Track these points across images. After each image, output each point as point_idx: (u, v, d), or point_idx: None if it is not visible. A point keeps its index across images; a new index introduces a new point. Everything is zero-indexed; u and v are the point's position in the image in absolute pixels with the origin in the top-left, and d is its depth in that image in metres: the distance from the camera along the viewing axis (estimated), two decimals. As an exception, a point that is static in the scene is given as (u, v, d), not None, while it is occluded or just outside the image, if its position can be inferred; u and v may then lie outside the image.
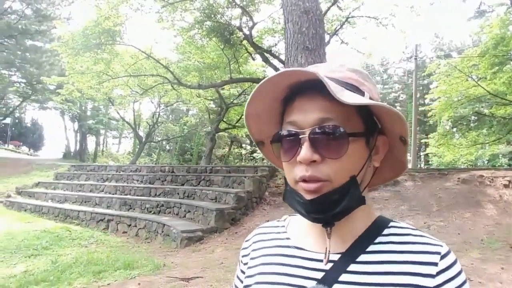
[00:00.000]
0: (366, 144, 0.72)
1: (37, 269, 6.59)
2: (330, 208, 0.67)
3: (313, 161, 0.67)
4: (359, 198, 0.70)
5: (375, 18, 14.71)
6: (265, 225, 0.90)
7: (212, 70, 16.23)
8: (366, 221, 0.75)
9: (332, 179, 0.67)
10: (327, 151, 0.67)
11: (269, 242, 0.83)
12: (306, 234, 0.79)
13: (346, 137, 0.68)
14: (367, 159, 0.72)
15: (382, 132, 0.75)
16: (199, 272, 5.90)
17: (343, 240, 0.73)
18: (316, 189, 0.67)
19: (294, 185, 0.71)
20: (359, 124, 0.70)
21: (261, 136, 0.82)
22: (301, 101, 0.71)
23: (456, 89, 17.18)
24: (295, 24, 3.83)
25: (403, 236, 0.72)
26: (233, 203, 10.02)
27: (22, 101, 34.56)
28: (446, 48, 37.60)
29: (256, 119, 0.78)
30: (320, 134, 0.68)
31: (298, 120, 0.70)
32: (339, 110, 0.68)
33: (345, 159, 0.68)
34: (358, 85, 0.73)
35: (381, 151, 0.76)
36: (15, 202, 14.89)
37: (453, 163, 24.16)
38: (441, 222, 8.86)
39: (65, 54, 14.22)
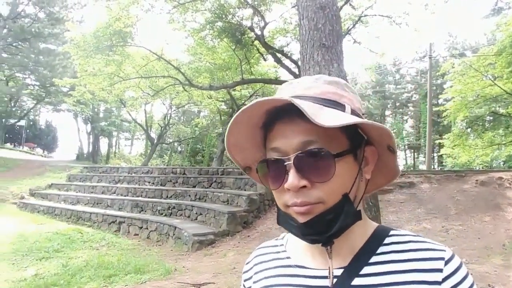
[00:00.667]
0: (354, 158, 0.69)
1: (47, 272, 6.54)
2: (326, 229, 0.66)
3: (302, 187, 0.65)
4: (354, 214, 0.68)
5: (389, 17, 14.42)
6: (264, 245, 0.87)
7: (223, 71, 16.13)
8: (365, 232, 0.74)
9: (324, 201, 0.65)
10: (314, 175, 0.65)
11: (269, 263, 0.81)
12: (306, 252, 0.77)
13: (332, 158, 0.65)
14: (358, 173, 0.70)
15: (369, 142, 0.72)
16: (211, 277, 5.77)
17: (344, 254, 0.71)
18: (308, 210, 0.65)
19: (285, 210, 0.69)
20: (344, 140, 0.68)
21: (247, 162, 0.79)
22: (281, 126, 0.69)
23: (472, 89, 16.86)
24: (311, 20, 3.68)
25: (404, 244, 0.70)
26: (245, 206, 9.89)
27: (36, 104, 35.01)
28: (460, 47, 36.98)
29: (238, 147, 0.76)
30: (305, 158, 0.65)
31: (281, 146, 0.68)
32: (321, 131, 0.64)
33: (335, 179, 0.65)
34: (337, 99, 0.71)
35: (371, 161, 0.74)
36: (28, 204, 14.99)
37: (468, 164, 23.71)
38: (460, 226, 8.60)
39: (76, 56, 14.25)
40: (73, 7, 28.31)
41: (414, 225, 8.88)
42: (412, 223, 9.10)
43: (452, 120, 21.45)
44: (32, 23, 26.47)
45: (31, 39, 26.16)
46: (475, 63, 16.31)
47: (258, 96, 19.24)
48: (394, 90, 43.02)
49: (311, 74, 3.64)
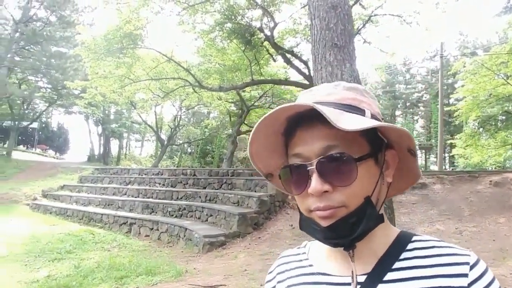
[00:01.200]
0: (375, 162, 0.70)
1: (60, 273, 6.58)
2: (349, 232, 0.66)
3: (325, 192, 0.66)
4: (376, 217, 0.69)
5: (399, 16, 14.28)
6: (286, 253, 0.88)
7: (233, 72, 16.13)
8: (388, 238, 0.74)
9: (346, 204, 0.66)
10: (337, 179, 0.66)
11: (292, 272, 0.81)
12: (328, 259, 0.77)
13: (353, 162, 0.66)
14: (379, 177, 0.70)
15: (390, 146, 0.73)
16: (222, 279, 5.74)
17: (367, 260, 0.71)
18: (331, 214, 0.66)
19: (308, 214, 0.70)
20: (365, 144, 0.69)
21: (269, 169, 0.81)
22: (302, 132, 0.70)
23: (484, 88, 16.65)
24: (322, 20, 3.65)
25: (428, 250, 0.70)
26: (256, 207, 9.86)
27: (48, 106, 35.39)
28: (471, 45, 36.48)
29: (260, 155, 0.78)
30: (327, 163, 0.67)
31: (303, 152, 0.69)
32: (342, 136, 0.66)
33: (357, 183, 0.66)
34: (356, 104, 0.72)
35: (391, 165, 0.74)
36: (41, 205, 15.16)
37: (480, 165, 23.41)
38: (474, 227, 8.46)
39: (88, 58, 14.38)
40: (84, 11, 28.60)
41: (427, 227, 8.77)
42: (424, 224, 9.00)
43: (464, 120, 21.22)
44: (44, 27, 26.76)
45: (43, 43, 26.46)
46: (487, 62, 16.09)
47: (268, 97, 19.21)
48: (405, 90, 42.59)
49: (323, 75, 3.60)
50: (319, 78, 3.73)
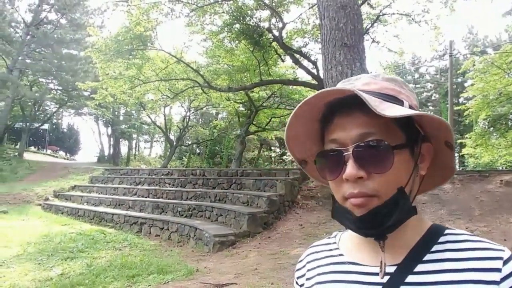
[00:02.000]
0: (411, 153, 0.70)
1: (73, 272, 6.67)
2: (381, 222, 0.67)
3: (360, 178, 0.67)
4: (409, 209, 0.68)
5: (408, 15, 14.23)
6: (317, 243, 0.88)
7: (241, 73, 16.19)
8: (420, 230, 0.73)
9: (380, 194, 0.67)
10: (372, 166, 0.67)
11: (322, 260, 0.82)
12: (359, 249, 0.77)
13: (390, 150, 0.67)
14: (413, 169, 0.71)
15: (426, 139, 0.74)
16: (233, 278, 5.78)
17: (397, 251, 0.71)
18: (364, 202, 0.66)
19: (342, 202, 0.71)
20: (401, 134, 0.69)
21: (303, 155, 0.82)
22: (340, 119, 0.71)
23: (494, 87, 16.51)
24: (332, 20, 3.68)
25: (460, 243, 0.69)
26: (266, 207, 9.89)
27: (59, 108, 35.80)
28: (481, 44, 36.13)
29: (296, 141, 0.79)
30: (364, 150, 0.67)
31: (340, 138, 0.70)
32: (379, 124, 0.67)
33: (391, 172, 0.67)
34: (395, 95, 0.73)
35: (427, 158, 0.74)
36: (52, 205, 15.35)
37: (491, 164, 23.17)
38: (485, 227, 8.39)
39: (98, 60, 14.54)
40: (94, 13, 28.90)
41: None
42: (435, 224, 8.94)
43: (474, 119, 21.03)
44: (55, 29, 27.08)
45: (54, 45, 26.77)
46: (497, 60, 15.95)
47: (276, 98, 19.23)
48: (414, 89, 42.25)
49: (333, 74, 3.63)
50: (329, 77, 3.76)
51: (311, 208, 10.53)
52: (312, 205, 10.70)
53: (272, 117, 20.86)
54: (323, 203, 10.60)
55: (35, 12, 27.24)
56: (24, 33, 26.73)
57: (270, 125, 21.70)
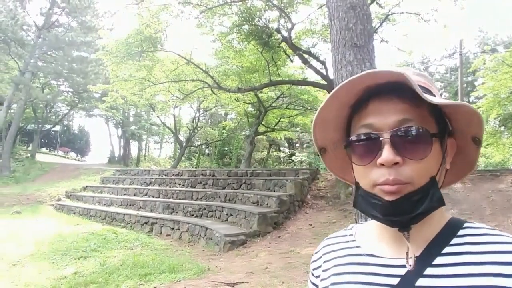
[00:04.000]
0: (441, 145, 0.71)
1: (86, 270, 6.77)
2: (411, 209, 0.66)
3: (395, 164, 0.66)
4: (439, 199, 0.68)
5: (417, 14, 14.15)
6: (333, 235, 0.88)
7: (250, 73, 16.24)
8: (439, 223, 0.73)
9: (413, 181, 0.66)
10: (410, 152, 0.67)
11: (339, 252, 0.81)
12: (377, 241, 0.77)
13: (429, 137, 0.68)
14: (442, 160, 0.71)
15: (450, 134, 0.75)
16: (244, 277, 5.83)
17: (417, 243, 0.71)
18: (397, 190, 0.66)
19: (370, 189, 0.70)
20: (434, 125, 0.70)
21: (324, 142, 0.82)
22: (376, 104, 0.70)
23: (505, 85, 16.35)
24: (342, 20, 3.71)
25: (480, 237, 0.69)
26: (275, 207, 9.92)
27: (70, 110, 36.24)
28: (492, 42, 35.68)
29: (323, 126, 0.78)
30: (402, 136, 0.67)
31: (376, 123, 0.70)
32: (416, 112, 0.68)
33: (427, 160, 0.67)
34: (429, 88, 0.74)
35: (450, 153, 0.75)
36: (64, 205, 15.55)
37: (502, 164, 22.90)
38: (496, 227, 8.32)
39: (109, 62, 14.70)
40: (104, 16, 29.19)
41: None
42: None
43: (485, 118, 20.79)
44: (66, 32, 27.40)
45: (65, 48, 27.07)
46: (508, 59, 15.81)
47: (285, 98, 19.24)
48: (424, 88, 41.95)
49: (343, 74, 3.66)
50: (339, 77, 3.79)
51: (321, 208, 10.54)
52: (322, 205, 10.71)
53: (281, 117, 20.86)
54: (332, 202, 10.61)
55: (46, 15, 27.58)
56: (35, 36, 27.08)
57: (279, 126, 21.69)
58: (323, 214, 10.09)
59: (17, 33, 25.28)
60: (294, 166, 25.62)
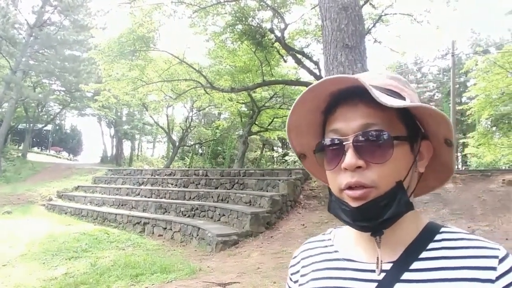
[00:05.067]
0: (411, 149, 0.71)
1: (77, 271, 6.72)
2: (378, 215, 0.66)
3: (358, 167, 0.67)
4: (406, 203, 0.68)
5: (409, 15, 14.24)
6: (311, 240, 0.88)
7: (244, 73, 16.23)
8: (416, 227, 0.73)
9: (378, 185, 0.66)
10: (371, 156, 0.67)
11: (317, 257, 0.81)
12: (354, 245, 0.77)
13: (390, 140, 0.67)
14: (412, 164, 0.71)
15: (425, 137, 0.74)
16: (236, 277, 5.83)
17: (393, 248, 0.71)
18: (361, 195, 0.66)
19: (339, 194, 0.71)
20: (402, 129, 0.70)
21: (303, 148, 0.82)
22: (343, 109, 0.71)
23: (496, 86, 16.50)
24: (334, 21, 3.70)
25: (456, 241, 0.69)
26: (268, 207, 9.92)
27: (62, 109, 35.97)
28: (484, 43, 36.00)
29: (297, 132, 0.79)
30: (364, 140, 0.67)
31: (341, 128, 0.70)
32: (381, 116, 0.68)
33: (390, 164, 0.67)
34: (399, 91, 0.73)
35: (426, 156, 0.74)
36: (56, 205, 15.42)
37: (493, 164, 23.12)
38: (487, 226, 8.40)
39: (101, 61, 14.62)
40: (97, 14, 28.97)
41: (439, 226, 8.72)
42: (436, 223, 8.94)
43: (477, 118, 21.03)
44: (58, 31, 27.15)
45: (57, 46, 26.83)
46: (499, 60, 15.94)
47: (279, 98, 19.27)
48: (416, 89, 42.10)
49: (334, 74, 3.66)
50: (330, 78, 3.79)
51: (313, 208, 10.56)
52: (314, 205, 10.73)
53: (275, 117, 20.89)
54: (325, 202, 10.63)
55: (38, 13, 27.33)
56: (27, 34, 26.82)
57: (272, 125, 21.72)
58: (316, 214, 10.11)
59: (9, 32, 25.01)
60: (288, 166, 25.67)
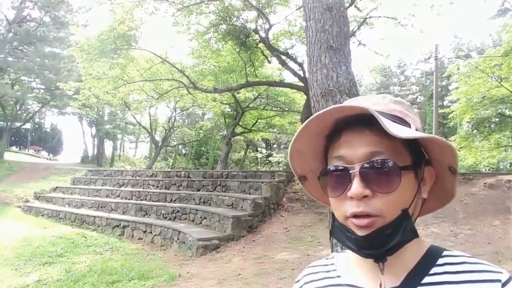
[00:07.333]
0: (415, 175, 0.70)
1: (50, 278, 6.47)
2: (384, 243, 0.65)
3: (365, 197, 0.66)
4: (412, 231, 0.68)
5: (394, 19, 14.30)
6: (314, 264, 0.87)
7: (227, 74, 16.05)
8: (418, 251, 0.72)
9: (383, 214, 0.66)
10: (378, 185, 0.66)
11: (320, 282, 0.80)
12: (357, 270, 0.76)
13: (398, 170, 0.66)
14: (417, 191, 0.70)
15: (428, 162, 0.74)
16: (216, 284, 5.66)
17: (396, 273, 0.70)
18: (368, 224, 0.65)
19: (343, 221, 0.70)
20: (407, 156, 0.69)
21: (304, 171, 0.82)
22: (348, 136, 0.70)
23: (478, 90, 16.72)
24: (318, 22, 3.60)
25: (458, 265, 0.69)
26: (250, 210, 9.79)
27: (41, 107, 35.06)
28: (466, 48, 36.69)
29: (299, 155, 0.78)
30: (371, 169, 0.67)
31: (347, 155, 0.69)
32: (388, 144, 0.67)
33: (397, 193, 0.66)
34: (403, 117, 0.73)
35: (428, 182, 0.74)
36: (33, 207, 14.98)
37: (474, 167, 23.51)
38: (469, 230, 8.44)
39: (81, 59, 14.24)
40: (78, 11, 28.35)
41: (422, 230, 8.73)
42: (419, 227, 8.95)
43: (458, 121, 21.32)
44: (38, 27, 26.48)
45: (37, 43, 26.19)
46: (481, 64, 16.14)
47: (263, 99, 19.15)
48: (399, 91, 42.72)
49: (318, 77, 3.55)
50: (314, 80, 3.66)
51: (296, 211, 10.46)
52: (297, 208, 10.63)
53: (259, 118, 20.79)
54: (308, 205, 10.55)
55: (18, 9, 26.66)
56: (6, 30, 26.14)
57: (256, 126, 21.62)
58: (299, 217, 10.01)
59: (-14, 27, 24.32)
60: (272, 167, 25.62)
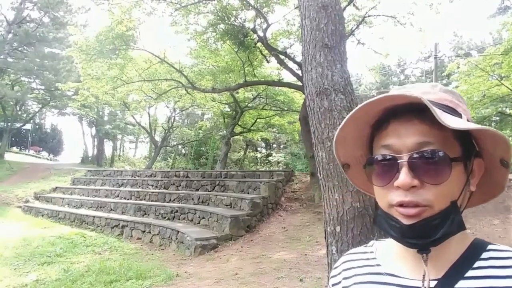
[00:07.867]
0: (464, 168, 0.69)
1: (49, 278, 6.49)
2: (430, 233, 0.65)
3: (413, 187, 0.65)
4: (459, 224, 0.67)
5: (393, 17, 14.27)
6: (353, 251, 0.86)
7: (226, 73, 16.04)
8: (462, 244, 0.72)
9: (432, 205, 0.65)
10: (428, 176, 0.65)
11: (359, 270, 0.80)
12: (397, 260, 0.76)
13: (448, 162, 0.66)
14: (466, 183, 0.70)
15: (478, 154, 0.72)
16: (213, 284, 5.67)
17: (439, 265, 0.70)
18: (415, 214, 0.65)
19: (388, 209, 0.69)
20: (457, 147, 0.68)
21: (347, 159, 0.82)
22: (396, 125, 0.69)
23: (478, 89, 16.71)
24: (313, 20, 3.61)
25: (504, 260, 0.68)
26: (248, 210, 9.80)
27: (41, 107, 35.07)
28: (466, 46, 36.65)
29: (344, 143, 0.78)
30: (420, 159, 0.66)
31: (395, 144, 0.68)
32: (437, 134, 0.66)
33: (446, 184, 0.66)
34: (454, 107, 0.71)
35: (477, 174, 0.73)
36: (33, 207, 15.00)
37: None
38: (468, 229, 8.42)
39: (79, 60, 14.25)
40: (77, 11, 28.37)
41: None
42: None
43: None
44: (37, 28, 26.51)
45: (36, 44, 26.21)
46: (481, 63, 16.13)
47: (262, 98, 19.14)
48: (399, 90, 42.78)
49: (313, 76, 3.55)
50: (309, 79, 3.66)
51: (294, 211, 10.47)
52: (296, 207, 10.64)
53: (258, 118, 20.77)
54: (307, 205, 10.55)
55: (17, 10, 26.68)
56: (5, 31, 26.16)
57: (255, 126, 21.60)
58: (297, 216, 10.02)
59: (-14, 28, 24.34)
60: (271, 166, 25.61)
